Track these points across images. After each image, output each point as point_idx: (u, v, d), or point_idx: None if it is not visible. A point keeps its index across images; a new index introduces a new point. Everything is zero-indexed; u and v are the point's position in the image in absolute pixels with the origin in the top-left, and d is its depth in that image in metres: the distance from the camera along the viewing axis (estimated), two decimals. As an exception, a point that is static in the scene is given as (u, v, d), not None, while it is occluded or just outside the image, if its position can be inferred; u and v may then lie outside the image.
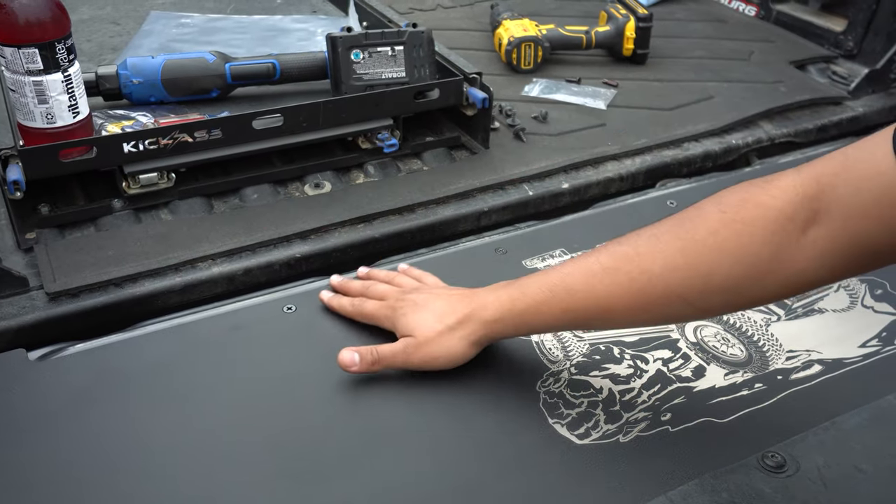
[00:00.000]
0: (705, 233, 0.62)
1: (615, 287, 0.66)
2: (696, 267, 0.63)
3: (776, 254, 0.59)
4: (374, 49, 1.09)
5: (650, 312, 0.67)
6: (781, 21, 1.57)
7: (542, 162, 1.12)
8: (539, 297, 0.70)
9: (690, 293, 0.63)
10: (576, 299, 0.68)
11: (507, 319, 0.71)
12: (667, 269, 0.64)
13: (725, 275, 0.61)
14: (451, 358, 0.73)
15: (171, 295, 0.88)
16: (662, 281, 0.64)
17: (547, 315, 0.70)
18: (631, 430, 0.70)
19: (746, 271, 0.61)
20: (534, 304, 0.70)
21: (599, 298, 0.67)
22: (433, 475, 0.66)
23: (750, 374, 0.77)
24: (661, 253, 0.64)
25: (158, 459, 0.67)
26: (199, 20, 1.42)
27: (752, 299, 0.65)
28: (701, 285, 0.63)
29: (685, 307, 0.65)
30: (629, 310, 0.66)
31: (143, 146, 0.95)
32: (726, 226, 0.61)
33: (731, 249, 0.61)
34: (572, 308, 0.68)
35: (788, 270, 0.59)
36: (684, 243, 0.63)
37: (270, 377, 0.75)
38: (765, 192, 0.60)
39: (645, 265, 0.65)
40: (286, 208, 1.01)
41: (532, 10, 1.57)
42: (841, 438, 0.69)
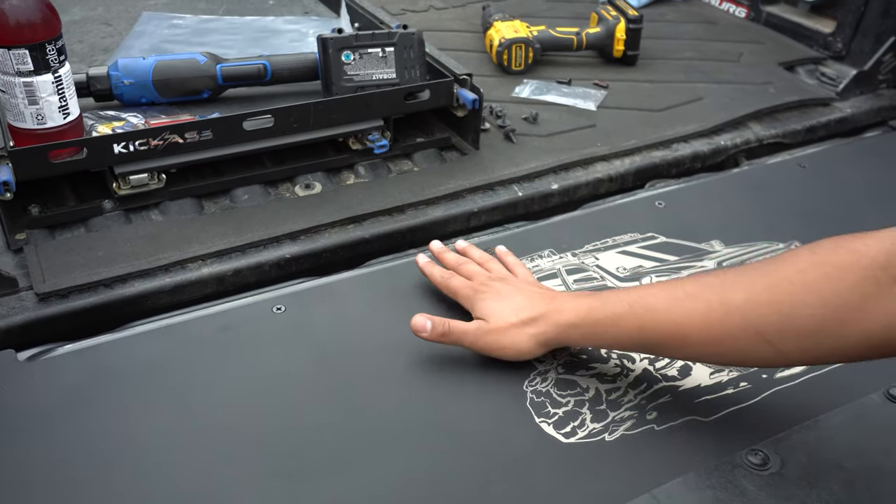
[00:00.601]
0: (794, 271, 0.62)
1: (693, 313, 0.65)
2: (779, 303, 0.61)
3: (864, 301, 0.57)
4: (365, 50, 1.09)
5: (725, 346, 0.65)
6: (771, 22, 1.57)
7: (532, 163, 1.12)
8: (618, 309, 0.70)
9: (769, 330, 0.62)
10: (653, 319, 0.68)
11: (582, 327, 0.72)
12: (748, 301, 0.63)
13: (808, 315, 0.60)
14: (517, 351, 0.75)
15: (161, 295, 0.88)
16: (741, 313, 0.63)
17: (622, 329, 0.70)
18: (617, 429, 0.71)
19: (831, 315, 0.59)
20: (611, 316, 0.70)
21: (677, 322, 0.66)
22: (421, 474, 0.67)
23: (735, 373, 0.77)
24: (746, 286, 0.64)
25: (149, 459, 0.67)
26: (190, 21, 1.42)
27: (832, 349, 0.62)
28: (781, 323, 0.61)
29: (762, 346, 0.63)
30: (704, 339, 0.65)
31: (133, 147, 0.95)
32: (816, 267, 0.60)
33: (819, 290, 0.59)
34: (648, 327, 0.68)
35: (875, 322, 0.57)
36: (771, 279, 0.63)
37: (260, 377, 0.76)
38: (860, 241, 0.59)
39: (727, 295, 0.64)
40: (276, 209, 1.01)
41: (523, 11, 1.57)
42: (824, 436, 0.69)
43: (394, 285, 0.89)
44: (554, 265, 0.92)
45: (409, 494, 0.65)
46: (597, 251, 0.95)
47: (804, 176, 1.13)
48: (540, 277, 0.90)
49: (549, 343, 0.75)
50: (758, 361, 0.69)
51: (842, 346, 0.60)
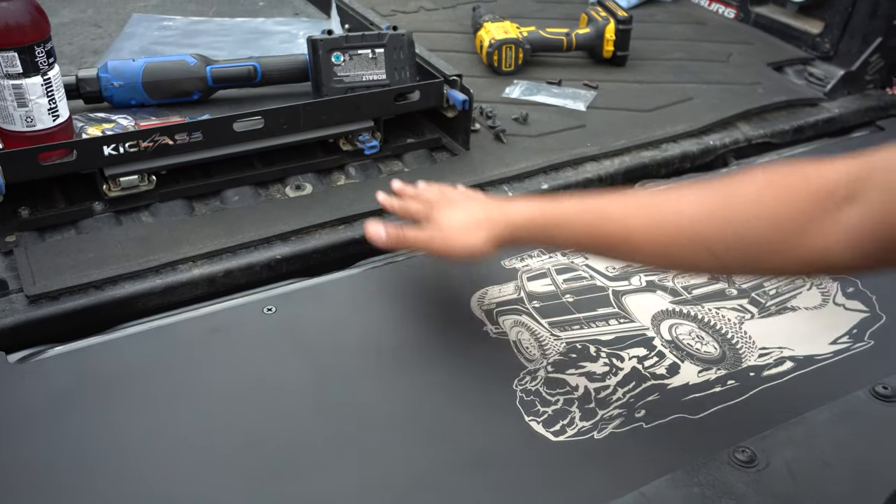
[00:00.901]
0: (746, 189, 0.63)
1: (645, 218, 0.68)
2: (729, 218, 0.63)
3: (808, 223, 0.58)
4: (355, 51, 1.10)
5: (671, 253, 0.67)
6: (760, 23, 1.58)
7: (522, 163, 1.13)
8: (570, 211, 0.72)
9: (716, 243, 0.63)
10: (605, 220, 0.70)
11: (533, 226, 0.74)
12: (700, 214, 0.65)
13: (755, 231, 0.61)
14: (469, 249, 0.77)
15: (152, 297, 0.88)
16: (692, 223, 0.65)
17: (574, 229, 0.72)
18: (605, 427, 0.72)
19: (776, 234, 0.60)
20: (563, 216, 0.72)
21: (628, 225, 0.68)
22: (411, 473, 0.67)
23: (723, 371, 0.78)
24: (701, 198, 0.66)
25: (139, 460, 0.68)
26: (181, 23, 1.42)
27: (773, 266, 0.64)
28: (728, 237, 0.63)
29: (707, 257, 0.65)
30: (652, 243, 0.67)
31: (123, 149, 0.95)
32: (769, 187, 0.62)
33: (768, 209, 0.61)
34: (599, 228, 0.70)
35: (815, 244, 0.58)
36: (723, 195, 0.65)
37: (250, 378, 0.76)
38: (814, 167, 0.60)
39: (681, 205, 0.66)
40: (267, 210, 1.01)
41: (514, 12, 1.58)
42: (810, 433, 0.70)
43: (384, 286, 0.89)
44: (544, 264, 0.93)
45: (398, 493, 0.66)
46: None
47: (792, 175, 1.14)
48: (530, 277, 0.90)
49: (501, 241, 0.76)
50: (698, 270, 0.73)
51: (783, 264, 0.62)
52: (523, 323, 0.84)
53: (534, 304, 0.87)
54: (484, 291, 0.88)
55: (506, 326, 0.83)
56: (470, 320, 0.84)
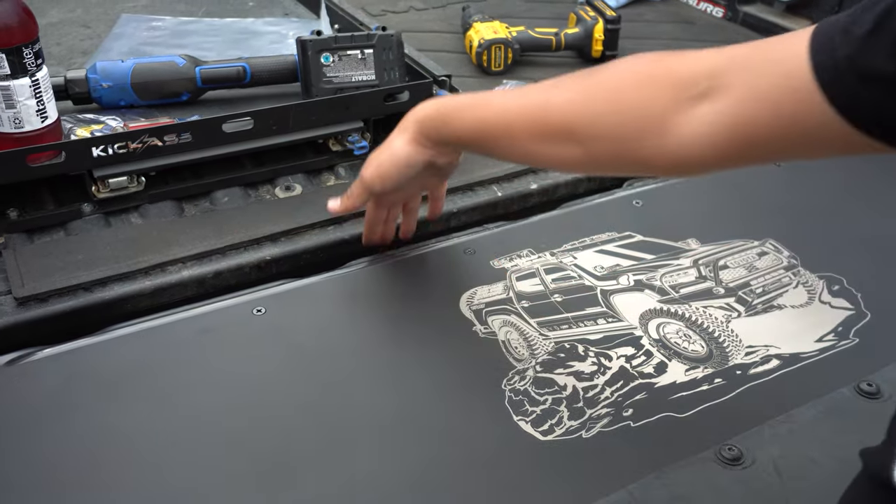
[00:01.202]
0: (611, 77, 0.65)
1: (522, 108, 0.70)
2: (592, 104, 0.65)
3: (663, 114, 0.59)
4: (344, 52, 1.10)
5: (545, 143, 0.68)
6: (748, 22, 1.59)
7: (512, 163, 1.13)
8: (463, 103, 0.78)
9: (579, 129, 0.65)
10: (490, 111, 0.74)
11: (435, 118, 0.79)
12: (567, 101, 0.66)
13: (612, 118, 0.63)
14: (393, 154, 0.83)
15: (141, 298, 0.88)
16: (560, 110, 0.66)
17: (464, 121, 0.76)
18: (593, 426, 0.72)
19: (632, 122, 0.61)
20: (457, 108, 0.77)
21: (508, 114, 0.71)
22: (400, 472, 0.68)
23: (710, 369, 0.79)
24: (569, 87, 0.67)
25: (129, 462, 0.68)
26: (170, 23, 1.42)
27: (636, 159, 0.63)
28: (589, 123, 0.64)
29: (576, 149, 0.66)
30: (527, 134, 0.69)
31: (112, 150, 0.95)
32: (631, 75, 0.63)
33: (625, 97, 0.62)
34: (484, 118, 0.74)
35: (672, 136, 0.58)
36: (590, 82, 0.66)
37: (240, 378, 0.76)
38: (678, 58, 0.60)
39: (553, 94, 0.68)
40: (257, 211, 1.01)
41: (503, 12, 1.58)
42: (796, 431, 0.71)
43: (374, 286, 0.89)
44: (532, 264, 0.93)
45: (387, 493, 0.66)
46: (575, 250, 0.96)
47: (779, 174, 1.15)
48: (519, 276, 0.91)
49: (418, 139, 0.81)
50: (570, 165, 0.74)
51: (644, 157, 0.62)
52: (512, 323, 0.84)
53: (522, 303, 0.87)
54: (473, 292, 0.88)
55: (494, 326, 0.83)
56: (459, 320, 0.84)
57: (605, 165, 0.69)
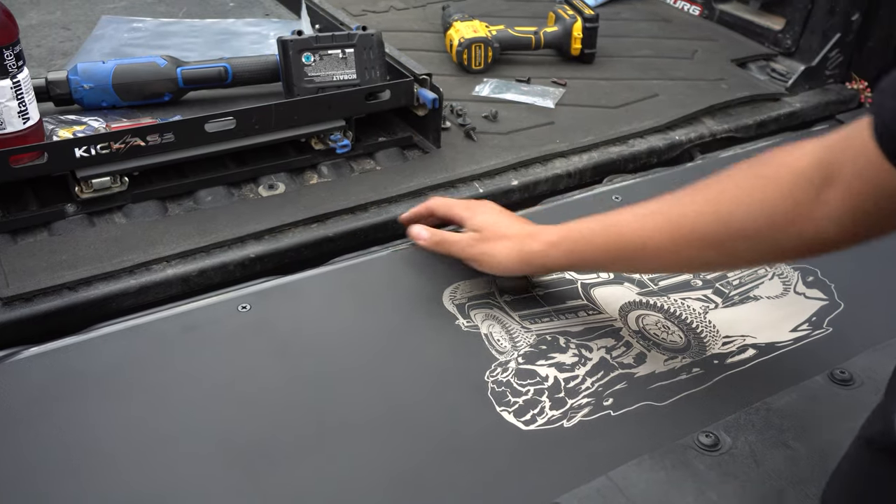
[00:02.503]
0: (732, 182, 0.69)
1: (653, 226, 0.73)
2: (723, 212, 0.68)
3: (794, 208, 0.62)
4: (325, 52, 1.11)
5: (681, 254, 0.72)
6: (724, 20, 1.61)
7: (493, 160, 1.15)
8: (593, 227, 0.79)
9: (719, 239, 0.68)
10: (621, 233, 0.76)
11: (563, 244, 0.80)
12: (694, 212, 0.70)
13: (743, 220, 0.66)
14: (502, 262, 0.84)
15: (126, 297, 0.89)
16: (690, 222, 0.70)
17: (596, 246, 0.78)
18: (575, 416, 0.74)
19: (765, 221, 0.65)
20: (588, 234, 0.79)
21: (641, 236, 0.74)
22: (385, 465, 0.69)
23: (688, 359, 0.80)
24: (693, 198, 0.71)
25: (116, 459, 0.68)
26: (150, 24, 1.42)
27: (774, 251, 0.68)
28: (728, 230, 0.68)
29: (715, 253, 0.70)
30: (663, 249, 0.72)
31: (94, 151, 0.95)
32: (751, 178, 0.67)
33: (752, 199, 0.66)
34: (620, 242, 0.76)
35: (806, 226, 0.62)
36: (713, 190, 0.70)
37: (225, 375, 0.77)
38: (790, 154, 0.64)
39: (683, 207, 0.72)
40: (240, 210, 1.02)
41: (483, 11, 1.59)
42: (771, 417, 0.73)
43: (357, 282, 0.90)
44: (514, 259, 0.94)
45: (373, 485, 0.67)
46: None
47: (755, 169, 1.17)
48: (500, 272, 0.92)
49: (531, 260, 0.82)
50: (712, 268, 0.78)
51: (782, 249, 0.66)
52: (494, 316, 0.85)
53: (505, 297, 0.88)
54: (456, 286, 0.90)
55: (477, 320, 0.85)
56: (442, 315, 0.85)
57: (743, 261, 0.74)
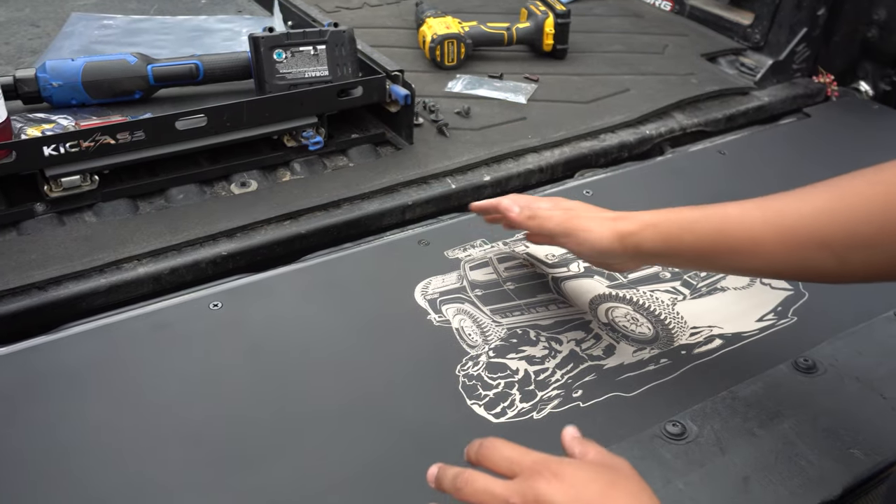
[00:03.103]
0: (858, 187, 0.65)
1: (766, 223, 0.68)
2: (843, 215, 0.65)
3: None
4: (297, 48, 1.11)
5: (794, 255, 0.67)
6: (694, 15, 1.63)
7: (465, 156, 1.15)
8: (694, 215, 0.73)
9: (833, 240, 0.65)
10: (728, 225, 0.70)
11: (661, 226, 0.74)
12: (816, 213, 0.66)
13: (868, 226, 0.63)
14: (599, 236, 0.77)
15: (96, 296, 0.89)
16: (809, 223, 0.66)
17: (698, 235, 0.72)
18: (544, 408, 0.74)
19: (889, 227, 0.62)
20: (688, 221, 0.73)
21: (750, 229, 0.69)
22: (356, 459, 0.69)
23: (656, 350, 0.82)
24: (814, 199, 0.67)
25: (87, 458, 0.68)
26: (121, 21, 1.41)
27: (890, 262, 0.64)
28: (844, 234, 0.64)
29: (831, 258, 0.65)
30: (774, 248, 0.68)
31: (63, 149, 0.95)
32: (878, 184, 0.64)
33: (873, 205, 0.63)
34: (723, 233, 0.70)
35: None
36: (837, 193, 0.66)
37: (196, 373, 0.77)
38: None
39: (797, 206, 0.67)
40: (212, 208, 1.02)
41: (456, 7, 1.60)
42: (737, 406, 0.74)
43: (329, 279, 0.91)
44: (486, 254, 0.95)
45: (345, 479, 0.67)
46: (527, 240, 0.98)
47: (723, 162, 1.18)
48: (472, 266, 0.93)
49: (628, 238, 0.75)
50: (822, 275, 0.71)
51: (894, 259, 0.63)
52: (466, 311, 0.86)
53: (476, 292, 0.89)
54: (427, 281, 0.90)
55: (448, 315, 0.85)
56: (414, 310, 0.86)
57: (857, 274, 0.68)
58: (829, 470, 0.68)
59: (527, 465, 0.55)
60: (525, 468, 0.54)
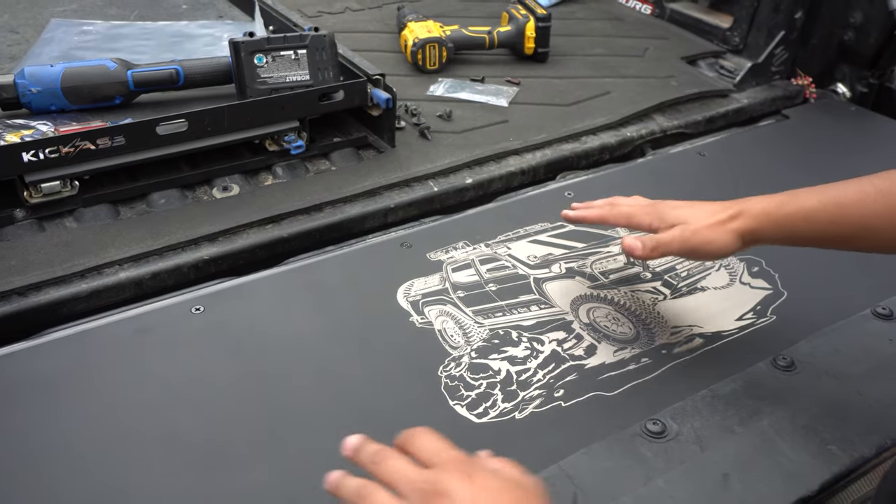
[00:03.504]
0: None
1: (885, 207, 0.69)
2: None
3: None
4: (277, 53, 1.11)
5: None
6: (675, 19, 1.65)
7: (447, 159, 1.16)
8: (809, 204, 0.73)
9: None
10: (845, 213, 0.71)
11: (776, 217, 0.74)
12: None
13: None
14: (723, 245, 0.76)
15: (77, 302, 0.88)
16: None
17: (814, 224, 0.73)
18: (526, 408, 0.75)
19: None
20: (803, 210, 0.73)
21: (868, 216, 0.70)
22: (339, 460, 0.69)
23: (637, 349, 0.82)
24: None
25: (68, 463, 0.68)
26: (101, 27, 1.40)
27: None
28: None
29: None
30: (892, 231, 0.69)
31: (43, 155, 0.94)
32: None
33: None
34: (840, 221, 0.71)
35: None
36: None
37: (178, 377, 0.77)
38: None
39: None
40: (194, 212, 1.02)
41: (438, 11, 1.61)
42: (716, 404, 0.75)
43: (311, 282, 0.91)
44: (468, 256, 0.96)
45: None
46: (509, 241, 0.99)
47: (703, 163, 1.19)
48: (455, 268, 0.93)
49: (748, 236, 0.76)
50: None
51: None
52: (448, 312, 0.86)
53: (458, 293, 0.89)
54: (410, 284, 0.90)
55: (431, 316, 0.86)
56: (396, 312, 0.86)
57: None
58: (808, 466, 0.69)
59: (445, 459, 0.55)
60: (443, 461, 0.55)
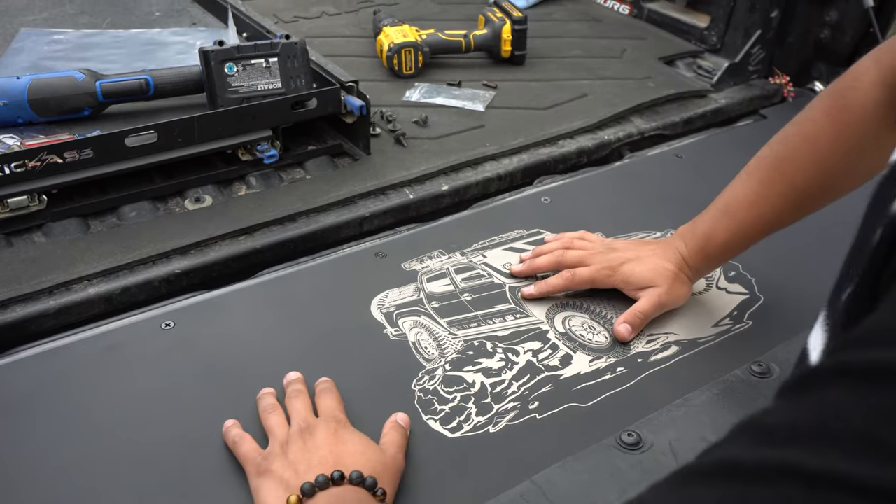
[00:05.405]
0: (811, 128, 0.77)
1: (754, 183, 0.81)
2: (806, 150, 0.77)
3: (866, 142, 0.72)
4: (248, 62, 1.09)
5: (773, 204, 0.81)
6: (652, 19, 1.64)
7: (423, 165, 1.15)
8: (712, 225, 0.84)
9: (799, 177, 0.78)
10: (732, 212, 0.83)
11: (707, 249, 0.85)
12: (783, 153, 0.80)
13: (826, 157, 0.76)
14: (687, 294, 0.87)
15: (45, 319, 0.87)
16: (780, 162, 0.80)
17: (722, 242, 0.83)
18: (500, 421, 0.74)
19: (844, 158, 0.74)
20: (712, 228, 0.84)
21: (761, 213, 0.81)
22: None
23: (612, 359, 0.81)
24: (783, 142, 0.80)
25: (37, 483, 0.67)
26: (72, 36, 1.39)
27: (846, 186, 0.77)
28: (808, 167, 0.77)
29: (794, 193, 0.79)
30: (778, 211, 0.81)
31: (9, 169, 0.93)
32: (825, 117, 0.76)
33: (829, 137, 0.75)
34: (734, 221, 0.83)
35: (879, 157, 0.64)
36: (797, 133, 0.79)
37: (148, 394, 0.76)
38: (857, 92, 0.72)
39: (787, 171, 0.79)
40: (165, 224, 1.00)
41: (414, 15, 1.60)
42: (691, 413, 0.74)
43: (285, 294, 0.90)
44: (443, 265, 0.95)
45: (299, 500, 0.66)
46: (484, 249, 0.98)
47: (680, 165, 1.19)
48: (430, 278, 0.92)
49: (697, 275, 0.88)
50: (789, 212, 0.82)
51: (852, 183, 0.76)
52: (422, 324, 0.85)
53: (433, 304, 0.88)
54: (384, 295, 0.89)
55: (405, 328, 0.85)
56: (370, 324, 0.85)
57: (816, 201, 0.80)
58: (783, 475, 0.68)
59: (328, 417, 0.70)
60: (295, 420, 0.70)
